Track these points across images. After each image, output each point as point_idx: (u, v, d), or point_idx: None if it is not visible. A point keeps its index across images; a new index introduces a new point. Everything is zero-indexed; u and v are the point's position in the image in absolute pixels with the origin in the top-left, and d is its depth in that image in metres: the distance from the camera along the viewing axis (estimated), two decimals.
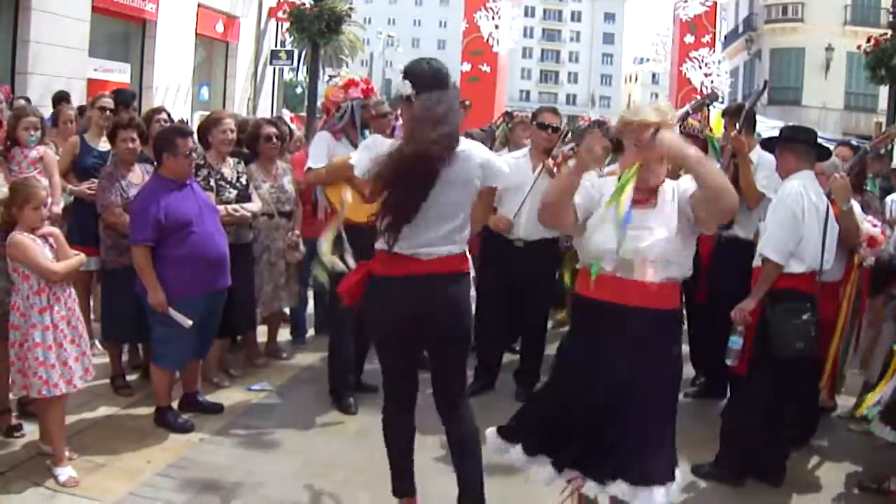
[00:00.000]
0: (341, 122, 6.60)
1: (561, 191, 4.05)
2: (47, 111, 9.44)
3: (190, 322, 5.74)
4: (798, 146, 5.64)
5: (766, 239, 5.44)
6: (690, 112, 7.30)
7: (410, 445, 4.68)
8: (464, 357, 4.65)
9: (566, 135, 6.95)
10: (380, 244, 4.35)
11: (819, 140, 5.95)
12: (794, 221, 5.37)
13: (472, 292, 4.61)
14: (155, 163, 6.18)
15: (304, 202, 7.55)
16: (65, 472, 4.98)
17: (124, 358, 7.01)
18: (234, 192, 6.72)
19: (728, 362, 5.63)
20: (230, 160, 6.89)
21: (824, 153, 5.99)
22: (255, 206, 6.86)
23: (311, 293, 8.47)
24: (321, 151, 6.42)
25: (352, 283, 4.50)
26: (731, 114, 7.24)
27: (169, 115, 7.64)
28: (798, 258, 5.41)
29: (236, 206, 6.63)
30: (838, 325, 6.13)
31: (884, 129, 13.66)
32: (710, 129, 7.50)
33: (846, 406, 7.12)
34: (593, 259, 4.01)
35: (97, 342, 7.07)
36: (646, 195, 4.08)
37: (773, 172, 6.01)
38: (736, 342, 5.51)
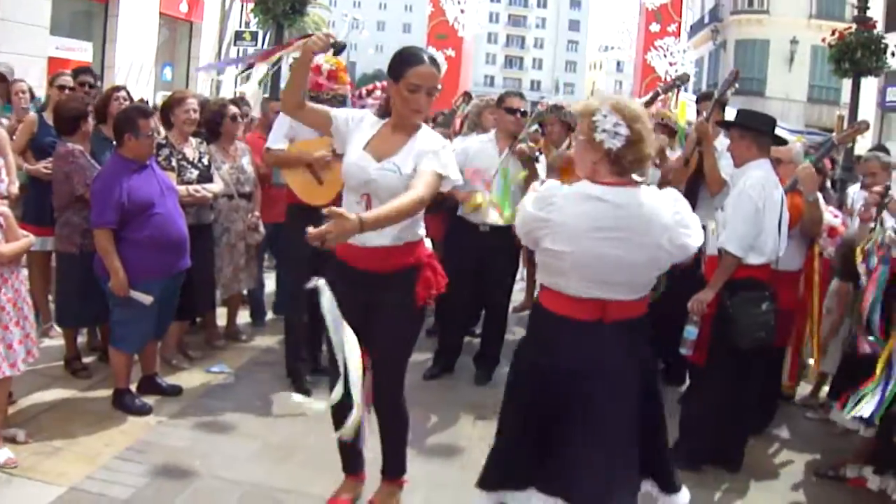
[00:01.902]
0: None
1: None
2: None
3: (150, 299, 5.70)
4: (759, 135, 5.65)
5: (727, 232, 5.44)
6: (661, 93, 7.33)
7: None
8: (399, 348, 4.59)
9: (533, 118, 7.00)
10: None
11: (781, 131, 5.99)
12: (757, 215, 5.37)
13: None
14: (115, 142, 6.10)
15: (263, 184, 7.53)
16: (2, 455, 4.91)
17: (82, 340, 6.96)
18: (196, 173, 6.67)
19: (683, 352, 5.66)
20: (193, 140, 6.84)
21: (780, 142, 6.03)
22: (216, 186, 6.82)
23: (270, 275, 8.45)
24: (281, 132, 6.37)
25: None
26: (703, 100, 7.29)
27: (129, 93, 7.55)
28: (757, 250, 5.43)
29: (197, 187, 6.58)
30: (809, 314, 6.20)
31: (846, 122, 13.77)
32: (679, 117, 7.51)
33: (803, 394, 7.20)
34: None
35: (54, 323, 7.01)
36: None
37: None
38: (691, 332, 5.53)
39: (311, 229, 3.56)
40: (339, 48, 4.73)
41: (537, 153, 6.90)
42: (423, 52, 4.30)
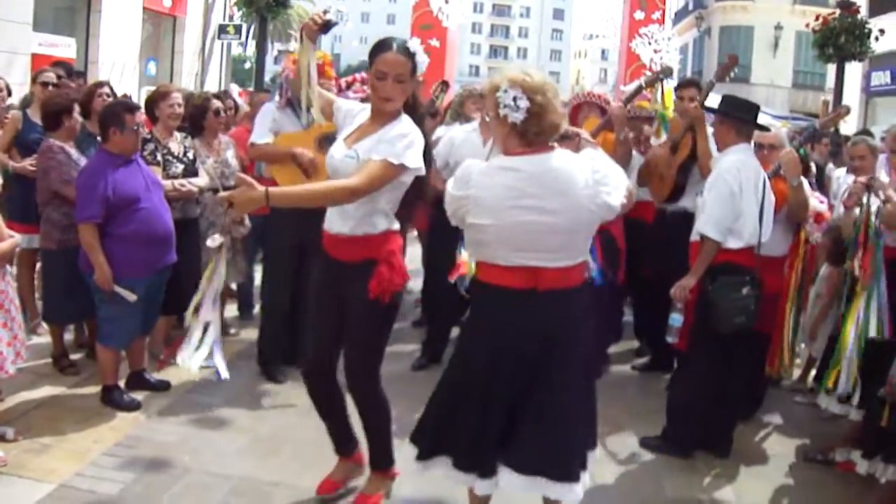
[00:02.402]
0: (276, 96, 6.59)
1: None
2: None
3: (134, 297, 5.69)
4: (740, 122, 5.66)
5: (705, 216, 5.46)
6: (643, 87, 7.33)
7: (335, 406, 4.73)
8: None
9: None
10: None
11: (766, 117, 6.00)
12: (733, 198, 5.40)
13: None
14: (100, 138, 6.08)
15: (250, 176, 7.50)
16: None
17: (70, 337, 6.95)
18: (182, 167, 6.64)
19: (669, 339, 5.67)
20: (178, 135, 6.81)
21: (762, 130, 6.06)
22: (201, 180, 6.79)
23: (258, 268, 8.44)
24: (265, 126, 6.37)
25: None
26: (683, 86, 7.29)
27: (112, 89, 7.52)
28: (736, 234, 5.46)
29: (183, 181, 6.55)
30: (787, 300, 6.21)
31: (831, 107, 13.81)
32: (664, 106, 7.51)
33: (792, 378, 7.22)
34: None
35: (41, 321, 7.00)
36: None
37: None
38: (676, 320, 5.54)
39: (222, 193, 3.64)
40: (331, 25, 4.77)
41: None
42: (394, 41, 4.34)
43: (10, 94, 7.99)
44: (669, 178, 6.79)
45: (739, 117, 5.65)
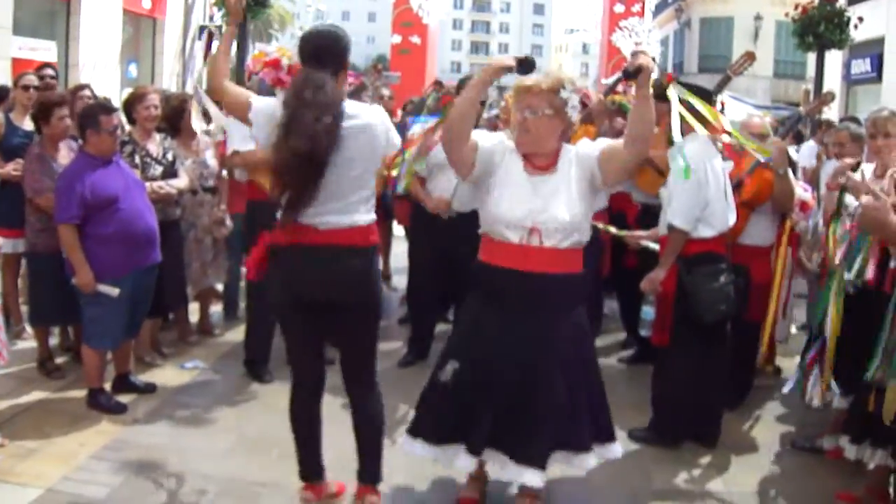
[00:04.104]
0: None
1: (469, 103, 4.09)
2: None
3: (117, 291, 5.66)
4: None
5: (672, 208, 5.45)
6: (623, 78, 7.34)
7: (316, 433, 4.66)
8: (372, 334, 4.54)
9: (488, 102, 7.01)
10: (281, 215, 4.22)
11: (745, 106, 6.00)
12: (700, 188, 5.40)
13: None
14: (80, 140, 6.07)
15: (230, 176, 7.48)
16: None
17: (55, 341, 6.93)
18: (161, 169, 6.61)
19: (643, 333, 5.67)
20: (157, 136, 6.78)
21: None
22: (181, 182, 6.75)
23: (243, 269, 8.41)
24: (244, 131, 6.32)
25: (256, 258, 4.39)
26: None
27: (93, 92, 7.50)
28: (706, 223, 5.45)
29: (161, 184, 6.52)
30: (773, 289, 6.21)
31: (812, 96, 13.82)
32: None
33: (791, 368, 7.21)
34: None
35: (26, 325, 6.97)
36: (545, 161, 4.17)
37: None
38: (648, 313, 5.56)
39: None
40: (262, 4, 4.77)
41: None
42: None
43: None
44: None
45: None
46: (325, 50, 4.22)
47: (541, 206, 4.10)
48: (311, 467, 4.66)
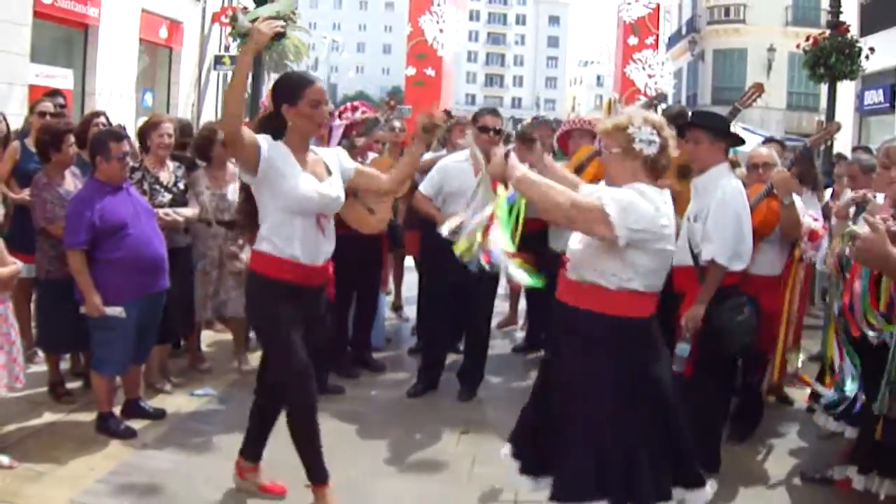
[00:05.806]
0: None
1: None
2: None
3: (120, 309, 5.69)
4: (717, 136, 5.64)
5: (715, 245, 5.38)
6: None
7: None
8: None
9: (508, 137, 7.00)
10: None
11: (750, 135, 6.01)
12: (740, 223, 5.40)
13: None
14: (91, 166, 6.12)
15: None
16: None
17: (66, 366, 6.96)
18: (169, 197, 6.68)
19: (675, 369, 5.61)
20: (170, 164, 6.83)
21: (738, 142, 6.06)
22: (189, 211, 6.81)
23: None
24: None
25: None
26: (672, 117, 7.32)
27: (108, 119, 7.57)
28: (739, 257, 5.44)
29: (168, 210, 6.57)
30: (783, 318, 6.20)
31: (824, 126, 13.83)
32: None
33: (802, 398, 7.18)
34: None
35: (37, 349, 7.00)
36: None
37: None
38: (685, 350, 5.45)
39: None
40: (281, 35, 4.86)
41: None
42: (308, 73, 4.87)
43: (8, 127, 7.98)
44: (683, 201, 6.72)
45: (721, 128, 5.69)
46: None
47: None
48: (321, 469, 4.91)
